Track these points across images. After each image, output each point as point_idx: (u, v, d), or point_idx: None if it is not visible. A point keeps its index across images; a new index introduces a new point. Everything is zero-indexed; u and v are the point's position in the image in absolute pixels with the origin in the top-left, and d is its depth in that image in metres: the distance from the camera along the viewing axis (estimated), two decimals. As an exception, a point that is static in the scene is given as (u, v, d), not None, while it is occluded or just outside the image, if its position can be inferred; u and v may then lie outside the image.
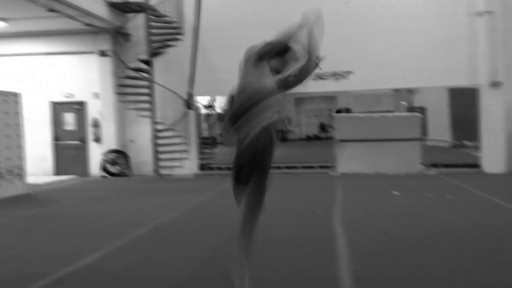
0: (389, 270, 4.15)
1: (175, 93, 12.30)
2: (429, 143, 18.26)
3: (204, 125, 20.11)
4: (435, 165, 12.39)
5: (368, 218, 6.48)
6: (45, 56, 13.20)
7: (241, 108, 3.39)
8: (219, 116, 25.09)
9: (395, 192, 8.55)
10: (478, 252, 4.63)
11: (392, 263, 4.33)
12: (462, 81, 12.32)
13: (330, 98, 28.28)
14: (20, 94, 9.93)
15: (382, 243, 5.09)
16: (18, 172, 9.69)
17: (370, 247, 4.90)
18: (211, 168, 13.89)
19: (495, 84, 11.62)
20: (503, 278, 3.91)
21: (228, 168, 13.84)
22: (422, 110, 19.17)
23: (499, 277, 3.93)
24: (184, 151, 12.42)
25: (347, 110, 26.79)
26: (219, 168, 13.93)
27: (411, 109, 20.30)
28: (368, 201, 7.83)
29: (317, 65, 3.60)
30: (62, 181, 11.97)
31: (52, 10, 9.96)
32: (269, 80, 3.48)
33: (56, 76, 13.26)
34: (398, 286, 3.79)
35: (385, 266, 4.26)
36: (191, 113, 12.72)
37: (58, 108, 13.42)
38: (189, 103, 12.28)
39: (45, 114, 13.35)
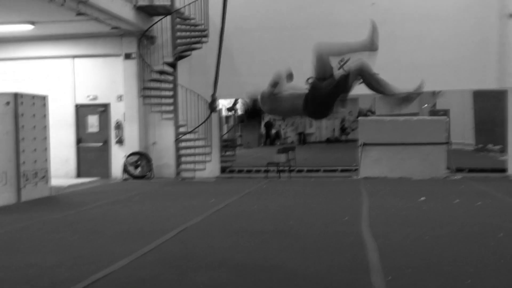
0: (427, 282, 4.03)
1: (198, 95, 12.32)
2: (453, 146, 17.96)
3: (226, 127, 20.10)
4: (460, 170, 12.16)
5: (397, 224, 6.35)
6: (71, 59, 13.35)
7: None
8: (241, 118, 25.10)
9: (422, 198, 8.38)
10: (516, 264, 4.47)
11: (429, 275, 4.20)
12: (490, 85, 12.07)
13: (351, 100, 28.03)
14: (47, 97, 10.03)
15: (415, 252, 4.97)
16: (43, 174, 9.78)
17: (402, 256, 4.79)
18: (232, 171, 13.88)
19: (525, 88, 11.37)
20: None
21: (248, 171, 13.84)
22: (445, 112, 18.87)
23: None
24: (206, 153, 12.42)
25: (369, 112, 26.57)
26: (240, 171, 13.92)
27: (434, 111, 19.99)
28: (395, 206, 7.69)
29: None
30: (85, 183, 12.06)
31: (80, 14, 10.05)
32: None
33: (80, 78, 13.39)
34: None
35: (421, 277, 4.13)
36: (214, 115, 12.71)
37: (82, 111, 13.54)
38: (213, 106, 12.27)
39: (69, 117, 13.47)
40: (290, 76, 4.87)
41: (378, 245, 5.19)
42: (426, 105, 21.59)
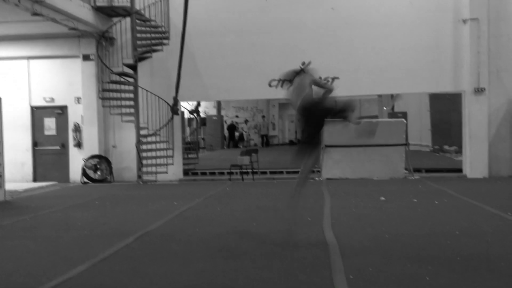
0: (387, 280, 4.10)
1: (160, 98, 12.16)
2: (410, 147, 18.41)
3: (188, 130, 19.94)
4: (417, 170, 12.48)
5: (358, 224, 6.45)
6: (26, 60, 12.93)
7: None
8: (203, 121, 24.95)
9: (382, 198, 8.55)
10: (475, 262, 4.60)
11: (389, 273, 4.28)
12: (446, 88, 12.47)
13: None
14: (0, 99, 9.66)
15: (375, 251, 5.05)
16: (-3, 179, 9.41)
17: (364, 255, 4.85)
18: (195, 174, 13.76)
19: (478, 90, 11.79)
20: (499, 286, 3.90)
21: (212, 173, 13.76)
22: (403, 115, 19.34)
23: (495, 285, 3.92)
24: (169, 156, 12.27)
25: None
26: (203, 174, 13.81)
27: (393, 114, 20.46)
28: (356, 206, 7.81)
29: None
30: (42, 188, 11.71)
31: (36, 14, 9.75)
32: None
33: (36, 80, 12.99)
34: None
35: (382, 276, 4.20)
36: (176, 118, 12.58)
37: (38, 113, 13.13)
38: (174, 108, 12.14)
39: (25, 119, 13.05)
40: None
41: (340, 245, 5.25)
42: (385, 108, 22.10)
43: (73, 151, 12.95)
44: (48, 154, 13.14)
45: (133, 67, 12.10)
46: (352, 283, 3.99)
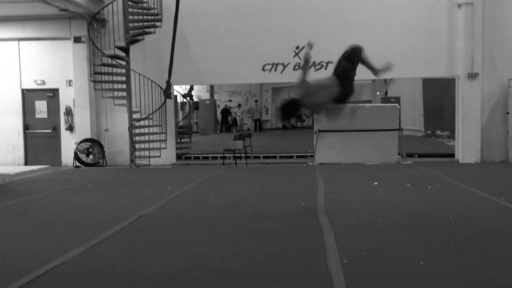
0: (382, 265, 4.12)
1: (152, 81, 12.05)
2: (403, 132, 18.42)
3: (181, 114, 19.82)
4: (410, 155, 12.52)
5: (352, 209, 6.46)
6: (16, 42, 12.73)
7: None
8: (196, 105, 24.81)
9: (375, 183, 8.57)
10: (468, 246, 4.63)
11: (383, 257, 4.29)
12: (440, 72, 12.46)
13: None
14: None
15: (369, 235, 5.06)
16: (-12, 162, 9.32)
17: (358, 240, 4.87)
18: (188, 158, 13.73)
19: (472, 76, 11.79)
20: (496, 272, 3.92)
21: (205, 158, 13.72)
22: (396, 99, 19.36)
23: (492, 271, 3.94)
24: (162, 140, 12.21)
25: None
26: (196, 158, 13.78)
27: (386, 99, 20.47)
28: (349, 191, 7.82)
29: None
30: (33, 171, 11.62)
31: (26, -5, 9.57)
32: None
33: (27, 62, 12.81)
34: (393, 283, 3.75)
35: (376, 260, 4.22)
36: (169, 102, 12.49)
37: (29, 96, 12.98)
38: (167, 92, 12.04)
39: (16, 102, 12.91)
40: (311, 46, 5.93)
41: (334, 229, 5.26)
42: (378, 93, 22.09)
43: (65, 134, 12.85)
44: (39, 138, 13.02)
45: (125, 50, 11.95)
46: (346, 268, 4.00)
